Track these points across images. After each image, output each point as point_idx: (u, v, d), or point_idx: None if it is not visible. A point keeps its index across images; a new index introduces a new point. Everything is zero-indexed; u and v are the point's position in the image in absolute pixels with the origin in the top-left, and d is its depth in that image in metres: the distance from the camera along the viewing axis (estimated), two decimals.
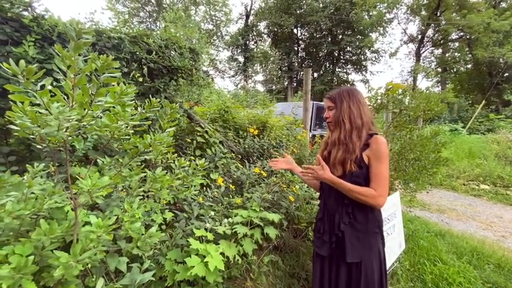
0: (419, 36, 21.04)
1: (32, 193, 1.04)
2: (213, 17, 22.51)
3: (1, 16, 1.77)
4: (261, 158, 3.12)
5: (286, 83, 25.14)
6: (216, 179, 2.32)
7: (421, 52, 21.32)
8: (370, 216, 1.37)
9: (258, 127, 3.63)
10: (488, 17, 15.03)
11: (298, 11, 22.60)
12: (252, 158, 3.11)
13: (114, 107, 0.99)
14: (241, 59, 25.98)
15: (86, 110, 0.85)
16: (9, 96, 0.77)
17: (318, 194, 1.72)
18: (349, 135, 1.33)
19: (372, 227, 1.37)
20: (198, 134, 2.91)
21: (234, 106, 3.82)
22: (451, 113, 13.95)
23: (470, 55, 17.97)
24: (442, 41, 20.01)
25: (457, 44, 19.68)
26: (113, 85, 0.98)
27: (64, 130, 0.82)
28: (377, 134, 1.36)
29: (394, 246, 2.38)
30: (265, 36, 26.22)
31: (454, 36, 18.95)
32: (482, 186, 6.16)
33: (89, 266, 1.12)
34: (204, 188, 2.37)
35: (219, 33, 24.04)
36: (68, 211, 1.26)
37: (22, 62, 0.71)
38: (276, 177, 2.46)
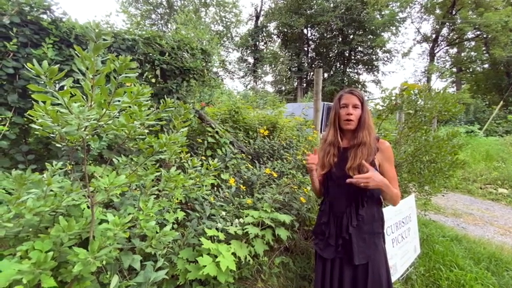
0: (434, 36, 20.50)
1: (51, 191, 1.07)
2: (223, 19, 22.65)
3: (21, 19, 1.83)
4: (271, 159, 3.11)
5: (296, 83, 24.99)
6: (226, 179, 2.33)
7: (436, 52, 20.76)
8: (376, 216, 1.39)
9: (268, 128, 3.62)
10: (506, 15, 14.52)
11: (308, 11, 22.43)
12: (262, 159, 3.10)
13: (130, 107, 1.01)
14: (250, 60, 26.03)
15: (104, 109, 0.86)
16: (32, 95, 0.79)
17: None
18: (372, 137, 1.35)
19: (377, 226, 1.39)
20: (209, 134, 2.93)
21: (244, 107, 3.82)
22: (467, 114, 13.47)
23: (487, 54, 17.36)
24: (457, 40, 19.44)
25: (473, 43, 19.03)
26: (128, 86, 0.99)
27: (83, 129, 0.84)
28: (379, 137, 1.43)
29: (409, 250, 2.32)
30: (275, 37, 26.18)
31: (470, 35, 18.36)
32: (500, 190, 5.93)
33: (104, 263, 1.14)
34: (215, 188, 2.38)
35: (228, 35, 24.16)
36: (84, 209, 1.29)
37: (45, 62, 0.73)
38: (287, 177, 2.44)
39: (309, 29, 24.54)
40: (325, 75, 23.65)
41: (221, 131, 3.00)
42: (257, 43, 25.39)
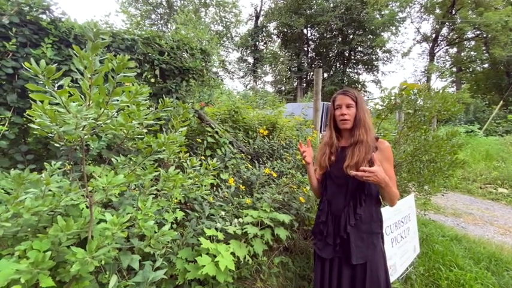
0: (434, 35, 20.51)
1: (50, 190, 1.07)
2: (223, 19, 22.64)
3: (20, 19, 1.83)
4: (271, 159, 3.11)
5: (296, 83, 25.00)
6: (226, 179, 2.33)
7: (435, 51, 20.77)
8: (374, 216, 1.39)
9: (268, 128, 3.62)
10: (506, 14, 14.53)
11: (308, 11, 22.44)
12: (262, 159, 3.10)
13: (128, 107, 1.01)
14: (250, 60, 26.04)
15: (102, 109, 0.86)
16: (29, 95, 0.79)
17: None
18: (370, 136, 1.34)
19: (375, 226, 1.39)
20: (209, 134, 2.93)
21: (244, 107, 3.82)
22: (467, 114, 13.46)
23: (487, 54, 17.36)
24: (457, 40, 19.44)
25: (473, 42, 19.04)
26: (127, 85, 0.99)
27: (81, 129, 0.84)
28: (379, 136, 1.42)
29: (408, 249, 2.32)
30: (274, 37, 26.19)
31: (470, 34, 18.35)
32: (500, 189, 5.93)
33: (103, 262, 1.14)
34: (214, 188, 2.38)
35: (228, 35, 24.15)
36: (83, 208, 1.28)
37: (43, 62, 0.73)
38: (286, 177, 2.44)
39: (308, 29, 24.54)
40: (325, 75, 23.66)
41: (221, 130, 3.00)
42: (257, 43, 25.39)
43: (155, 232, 1.18)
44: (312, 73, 23.88)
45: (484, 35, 16.92)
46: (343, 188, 1.38)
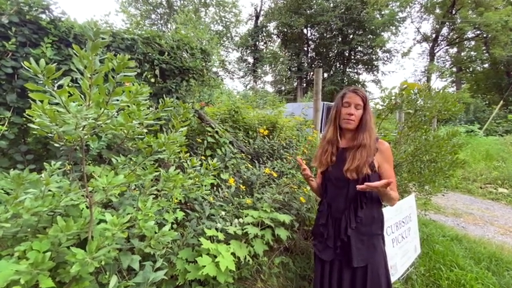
0: (434, 35, 20.51)
1: (49, 191, 1.07)
2: (223, 18, 22.62)
3: (20, 18, 1.82)
4: (271, 159, 3.11)
5: (296, 83, 25.00)
6: (226, 179, 2.32)
7: (435, 51, 20.77)
8: (376, 217, 1.38)
9: (268, 127, 3.61)
10: (506, 14, 14.54)
11: (308, 11, 22.44)
12: (262, 159, 3.09)
13: (128, 106, 1.00)
14: (250, 59, 26.02)
15: (102, 109, 0.86)
16: (29, 95, 0.79)
17: None
18: (373, 139, 1.33)
19: (376, 228, 1.38)
20: (209, 134, 2.93)
21: (244, 106, 3.81)
22: (467, 114, 13.45)
23: (487, 54, 17.37)
24: (457, 40, 19.45)
25: (473, 42, 19.05)
26: (127, 85, 0.99)
27: (81, 128, 0.83)
28: (379, 137, 1.41)
29: (409, 249, 2.32)
30: (274, 36, 26.18)
31: (470, 34, 18.36)
32: (500, 189, 5.93)
33: (103, 263, 1.13)
34: (215, 188, 2.38)
35: (228, 35, 24.13)
36: (83, 209, 1.28)
37: (42, 61, 0.73)
38: (286, 177, 2.43)
39: (308, 28, 24.53)
40: (325, 75, 23.64)
41: (221, 130, 2.99)
42: (257, 43, 25.37)
43: (155, 232, 1.17)
44: (312, 73, 23.87)
45: (484, 35, 16.93)
46: (344, 190, 1.36)
